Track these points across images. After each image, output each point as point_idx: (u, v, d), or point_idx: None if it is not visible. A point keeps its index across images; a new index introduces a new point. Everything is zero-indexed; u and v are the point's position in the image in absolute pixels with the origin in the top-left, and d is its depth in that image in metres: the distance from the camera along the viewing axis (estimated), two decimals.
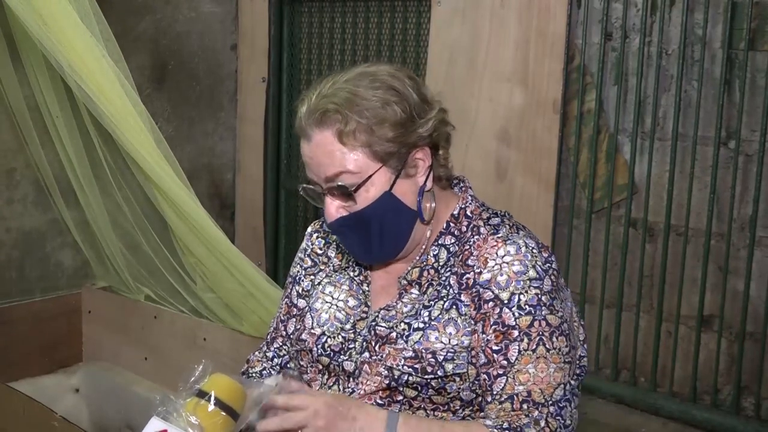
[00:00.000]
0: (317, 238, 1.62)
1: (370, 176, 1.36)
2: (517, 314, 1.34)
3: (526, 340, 1.33)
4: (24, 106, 2.69)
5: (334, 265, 1.56)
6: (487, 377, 1.34)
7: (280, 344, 1.61)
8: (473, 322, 1.37)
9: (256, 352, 1.64)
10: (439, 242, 1.45)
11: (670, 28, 2.41)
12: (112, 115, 2.36)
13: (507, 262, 1.37)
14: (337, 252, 1.57)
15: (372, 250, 1.43)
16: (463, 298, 1.39)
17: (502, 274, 1.36)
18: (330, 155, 1.36)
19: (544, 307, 1.34)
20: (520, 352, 1.33)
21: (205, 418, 1.26)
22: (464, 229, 1.45)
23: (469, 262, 1.40)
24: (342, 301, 1.49)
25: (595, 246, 2.60)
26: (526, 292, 1.35)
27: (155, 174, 2.46)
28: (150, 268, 2.88)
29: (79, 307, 2.98)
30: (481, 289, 1.37)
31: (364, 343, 1.42)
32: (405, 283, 1.45)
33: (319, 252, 1.60)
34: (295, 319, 1.58)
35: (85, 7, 2.28)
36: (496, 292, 1.36)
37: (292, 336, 1.56)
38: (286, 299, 1.61)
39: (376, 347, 1.40)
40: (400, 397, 1.38)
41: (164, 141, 2.49)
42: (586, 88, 2.56)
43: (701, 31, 2.32)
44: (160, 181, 2.48)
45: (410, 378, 1.36)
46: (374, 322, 1.43)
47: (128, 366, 2.87)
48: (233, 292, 2.66)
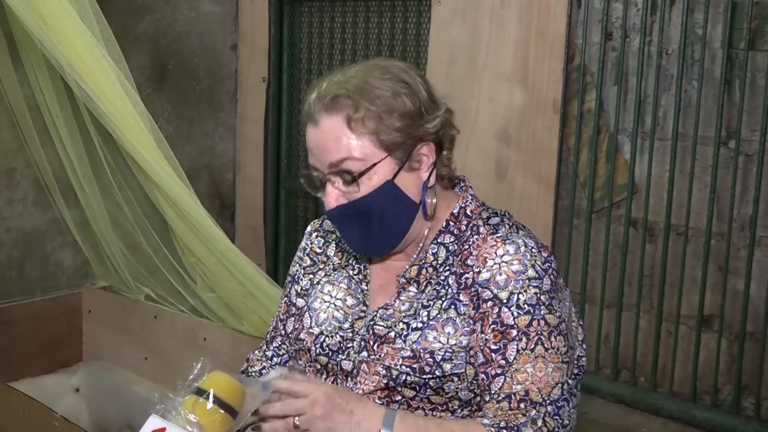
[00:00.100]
0: (316, 237, 1.62)
1: (375, 164, 1.36)
2: (515, 313, 1.34)
3: (524, 340, 1.33)
4: (24, 105, 2.69)
5: (334, 264, 1.56)
6: (485, 376, 1.34)
7: (280, 343, 1.61)
8: (472, 322, 1.37)
9: (256, 351, 1.64)
10: (438, 240, 1.45)
11: (670, 28, 2.41)
12: (112, 115, 2.36)
13: (506, 262, 1.37)
14: (336, 251, 1.57)
15: (370, 241, 1.43)
16: (461, 297, 1.39)
17: (501, 274, 1.36)
18: (337, 141, 1.36)
19: (543, 307, 1.34)
20: (518, 351, 1.32)
21: (204, 416, 1.26)
22: (464, 228, 1.45)
23: (469, 261, 1.40)
24: (340, 300, 1.49)
25: (595, 246, 2.60)
26: (525, 292, 1.34)
27: (155, 174, 2.46)
28: (150, 267, 2.88)
29: (79, 307, 2.98)
30: (479, 289, 1.37)
31: (362, 342, 1.42)
32: (403, 281, 1.44)
33: (318, 251, 1.60)
34: (293, 318, 1.57)
35: (85, 7, 2.28)
36: (495, 291, 1.35)
37: (290, 335, 1.56)
38: (285, 298, 1.61)
39: (375, 347, 1.40)
40: (399, 397, 1.38)
41: (164, 141, 2.50)
42: (586, 88, 2.56)
43: (701, 31, 2.32)
44: (160, 181, 2.48)
45: (408, 378, 1.36)
46: (372, 322, 1.43)
47: (128, 366, 2.87)
48: (233, 292, 2.66)
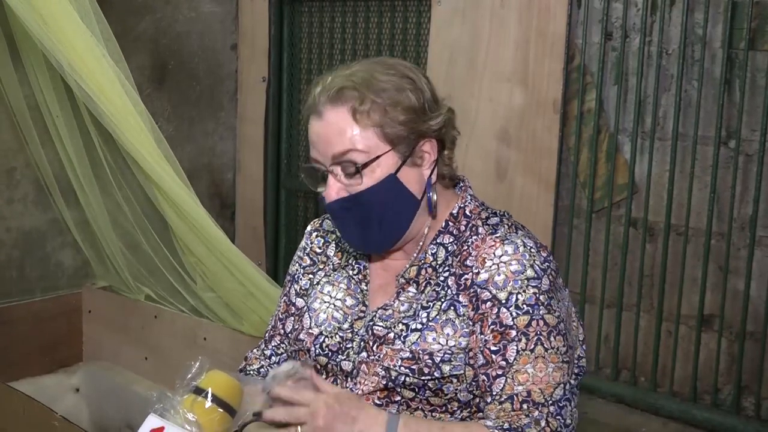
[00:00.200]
0: (316, 237, 1.62)
1: (379, 156, 1.36)
2: (514, 314, 1.34)
3: (524, 340, 1.33)
4: (24, 105, 2.69)
5: (333, 265, 1.56)
6: (486, 378, 1.34)
7: (278, 342, 1.61)
8: (471, 323, 1.36)
9: (254, 350, 1.64)
10: (438, 241, 1.45)
11: (671, 28, 2.41)
12: (112, 115, 2.36)
13: (505, 262, 1.37)
14: (336, 251, 1.57)
15: (369, 237, 1.42)
16: (461, 298, 1.38)
17: (499, 274, 1.36)
18: (341, 132, 1.36)
19: (542, 307, 1.34)
20: (518, 352, 1.32)
21: (202, 415, 1.27)
22: (463, 228, 1.45)
23: (468, 262, 1.40)
24: (340, 301, 1.49)
25: (596, 246, 2.60)
26: (524, 292, 1.34)
27: (155, 174, 2.46)
28: (150, 267, 2.87)
29: (80, 307, 2.97)
30: (478, 290, 1.37)
31: (362, 342, 1.42)
32: (403, 281, 1.44)
33: (318, 251, 1.60)
34: (293, 318, 1.57)
35: (85, 7, 2.28)
36: (494, 292, 1.35)
37: (290, 335, 1.56)
38: (284, 297, 1.61)
39: (374, 347, 1.40)
40: (398, 397, 1.38)
41: (164, 141, 2.49)
42: (586, 88, 2.56)
43: (701, 31, 2.32)
44: (160, 181, 2.48)
45: (407, 379, 1.36)
46: (372, 322, 1.43)
47: (128, 366, 2.87)
48: (233, 292, 2.66)
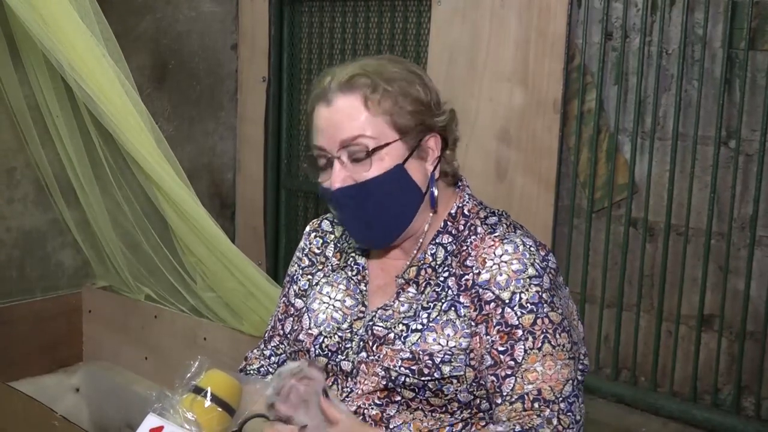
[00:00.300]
0: (315, 237, 1.61)
1: (389, 143, 1.37)
2: (519, 313, 1.34)
3: (530, 339, 1.33)
4: (24, 105, 2.69)
5: (332, 265, 1.56)
6: (495, 378, 1.34)
7: (278, 342, 1.61)
8: (473, 324, 1.36)
9: (254, 350, 1.64)
10: (437, 241, 1.45)
11: (671, 28, 2.40)
12: (112, 115, 2.36)
13: (505, 261, 1.37)
14: (335, 251, 1.57)
15: (372, 227, 1.42)
16: (462, 299, 1.38)
17: (501, 274, 1.36)
18: (351, 118, 1.37)
19: (545, 305, 1.34)
20: (526, 351, 1.33)
21: (202, 414, 1.27)
22: (461, 228, 1.45)
23: (468, 262, 1.40)
24: (339, 301, 1.49)
25: (596, 246, 2.59)
26: (527, 291, 1.34)
27: (155, 173, 2.46)
28: (150, 267, 2.87)
29: (80, 307, 2.97)
30: (480, 290, 1.37)
31: (361, 342, 1.42)
32: (402, 282, 1.44)
33: (317, 252, 1.60)
34: (292, 318, 1.57)
35: (86, 7, 2.28)
36: (497, 292, 1.35)
37: (289, 336, 1.56)
38: (283, 298, 1.61)
39: (374, 347, 1.40)
40: (398, 397, 1.38)
41: (164, 140, 2.49)
42: (587, 88, 2.56)
43: (701, 31, 2.32)
44: (160, 181, 2.48)
45: (407, 379, 1.36)
46: (371, 322, 1.43)
47: (128, 365, 2.87)
48: (233, 292, 2.66)
